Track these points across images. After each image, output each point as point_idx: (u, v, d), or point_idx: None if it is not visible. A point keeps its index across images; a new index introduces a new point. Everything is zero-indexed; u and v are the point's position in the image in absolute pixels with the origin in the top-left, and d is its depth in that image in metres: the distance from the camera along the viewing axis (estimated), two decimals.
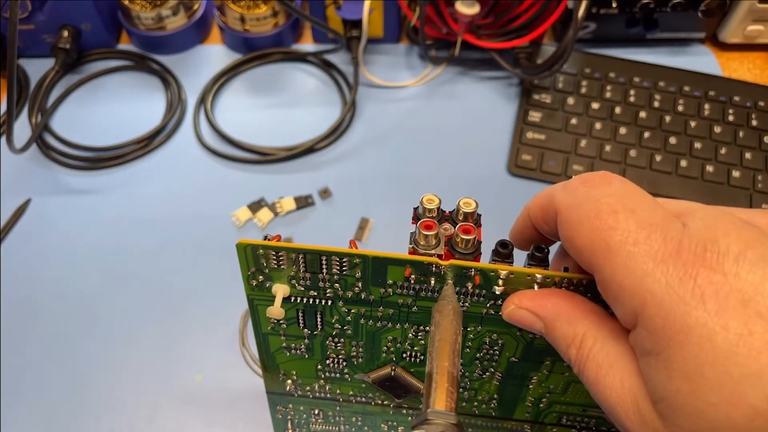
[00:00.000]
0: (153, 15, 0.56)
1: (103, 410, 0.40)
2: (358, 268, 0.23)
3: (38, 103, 0.54)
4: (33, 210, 0.49)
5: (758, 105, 0.53)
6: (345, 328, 0.26)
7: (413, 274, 0.22)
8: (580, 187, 0.19)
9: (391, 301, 0.24)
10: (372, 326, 0.25)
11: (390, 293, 0.24)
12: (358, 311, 0.25)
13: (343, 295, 0.24)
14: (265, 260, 0.23)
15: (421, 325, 0.25)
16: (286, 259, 0.23)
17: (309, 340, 0.27)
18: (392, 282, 0.23)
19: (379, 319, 0.25)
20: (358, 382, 0.29)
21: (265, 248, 0.23)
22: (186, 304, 0.44)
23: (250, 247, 0.23)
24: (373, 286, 0.23)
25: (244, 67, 0.57)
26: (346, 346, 0.27)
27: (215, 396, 0.41)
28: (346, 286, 0.24)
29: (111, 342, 0.43)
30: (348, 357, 0.28)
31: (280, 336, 0.27)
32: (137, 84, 0.57)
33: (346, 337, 0.26)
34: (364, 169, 0.51)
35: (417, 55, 0.59)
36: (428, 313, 0.24)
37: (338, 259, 0.22)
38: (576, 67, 0.56)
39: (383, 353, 0.27)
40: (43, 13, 0.54)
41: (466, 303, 0.23)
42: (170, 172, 0.51)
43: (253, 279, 0.24)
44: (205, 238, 0.47)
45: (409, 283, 0.23)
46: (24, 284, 0.45)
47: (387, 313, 0.25)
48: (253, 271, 0.24)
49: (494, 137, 0.53)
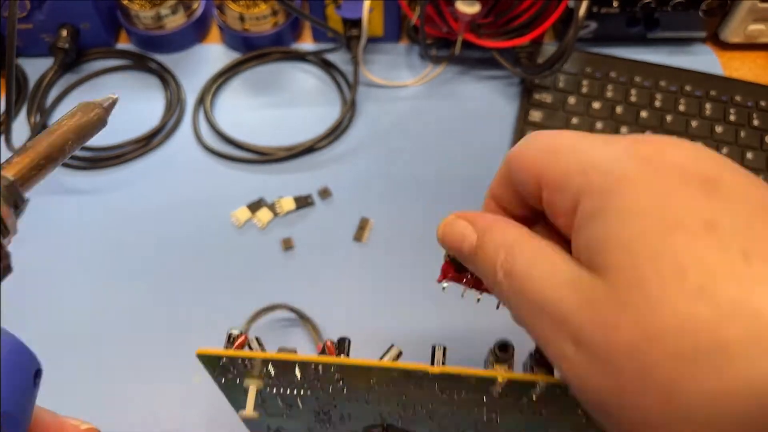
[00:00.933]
0: (152, 14, 0.56)
1: (101, 411, 0.40)
2: (337, 374, 0.21)
3: (37, 102, 0.54)
4: (32, 210, 0.48)
5: (759, 105, 0.53)
6: (332, 402, 0.24)
7: (401, 377, 0.20)
8: (533, 134, 0.21)
9: (378, 393, 0.22)
10: (360, 402, 0.24)
11: (376, 388, 0.22)
12: (343, 393, 0.23)
13: (324, 388, 0.22)
14: (231, 366, 0.21)
15: (414, 404, 0.23)
16: (254, 364, 0.21)
17: (293, 410, 0.25)
18: (377, 380, 0.21)
19: (367, 402, 0.23)
20: None
21: (229, 359, 0.21)
22: (185, 303, 0.44)
23: (213, 357, 0.21)
24: (358, 384, 0.22)
25: (244, 66, 0.57)
26: (334, 414, 0.25)
27: (214, 397, 0.40)
28: (327, 380, 0.22)
29: (110, 342, 0.42)
30: (334, 421, 0.26)
31: (262, 413, 0.26)
32: (136, 83, 0.57)
33: (333, 409, 0.25)
34: (364, 168, 0.51)
35: (417, 55, 0.59)
36: (419, 400, 0.22)
37: (313, 366, 0.20)
38: (577, 66, 0.56)
39: (371, 419, 0.25)
40: (42, 13, 0.54)
41: (461, 405, 0.22)
42: (169, 171, 0.51)
43: (221, 377, 0.22)
44: (205, 238, 0.47)
45: (397, 383, 0.21)
46: (23, 284, 0.45)
47: (375, 398, 0.23)
48: (219, 375, 0.22)
49: (495, 137, 0.53)
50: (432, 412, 0.23)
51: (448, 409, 0.23)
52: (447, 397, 0.22)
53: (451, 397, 0.22)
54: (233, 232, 0.47)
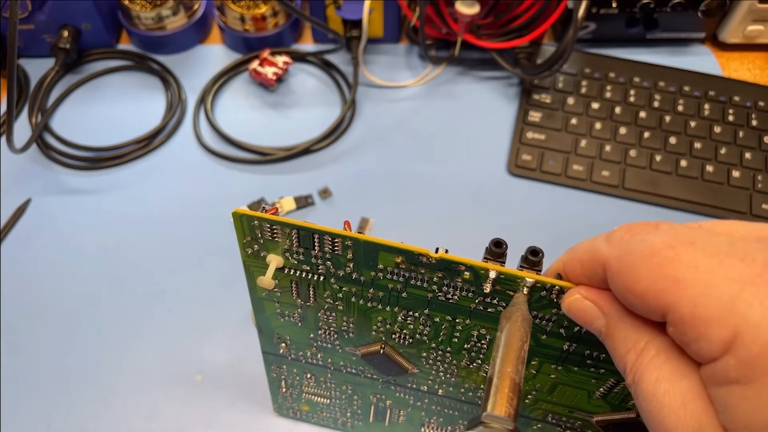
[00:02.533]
0: (153, 15, 0.56)
1: (103, 410, 0.40)
2: (350, 250, 0.23)
3: (38, 103, 0.54)
4: (33, 210, 0.49)
5: (758, 105, 0.53)
6: (336, 304, 0.26)
7: (404, 262, 0.23)
8: (626, 235, 0.18)
9: (381, 285, 0.24)
10: (363, 305, 0.26)
11: (380, 277, 0.24)
12: (350, 289, 0.25)
13: (335, 273, 0.24)
14: (260, 231, 0.24)
15: (410, 310, 0.25)
16: (281, 232, 0.23)
17: (302, 309, 0.27)
18: (383, 267, 0.23)
19: (370, 300, 0.25)
20: (348, 354, 0.30)
21: (260, 220, 0.23)
22: (186, 303, 0.44)
23: (246, 217, 0.23)
24: (364, 268, 0.24)
25: (244, 67, 0.57)
26: (338, 320, 0.27)
27: (215, 396, 0.41)
28: (338, 265, 0.24)
29: (111, 342, 0.43)
30: (339, 330, 0.28)
31: (274, 302, 0.28)
32: (137, 84, 0.57)
33: (338, 311, 0.27)
34: (364, 169, 0.51)
35: (417, 55, 0.59)
36: (418, 299, 0.24)
37: (330, 239, 0.23)
38: (576, 67, 0.56)
39: (373, 332, 0.27)
40: (43, 13, 0.54)
41: (455, 296, 0.24)
42: (170, 172, 0.51)
43: (248, 247, 0.25)
44: (205, 238, 0.47)
45: (400, 270, 0.23)
46: (24, 284, 0.45)
47: (377, 294, 0.25)
48: (248, 240, 0.24)
49: (494, 137, 0.53)
50: (426, 320, 0.25)
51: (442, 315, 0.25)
52: (442, 297, 0.24)
53: (446, 297, 0.24)
54: (234, 231, 0.47)
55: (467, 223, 0.48)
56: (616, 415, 0.27)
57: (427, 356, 0.28)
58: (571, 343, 0.24)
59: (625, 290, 0.17)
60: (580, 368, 0.25)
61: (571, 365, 0.25)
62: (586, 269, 0.19)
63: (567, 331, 0.23)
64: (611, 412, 0.27)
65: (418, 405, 0.32)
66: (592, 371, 0.25)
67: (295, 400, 0.36)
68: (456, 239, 0.47)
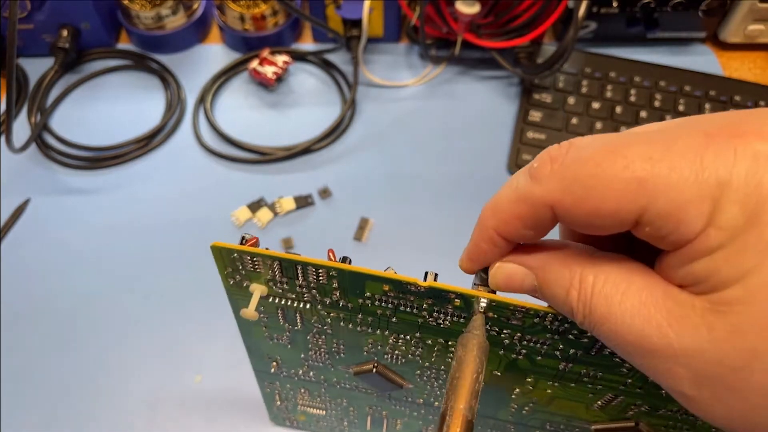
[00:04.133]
0: (152, 14, 0.56)
1: (103, 410, 0.40)
2: (335, 280, 0.22)
3: (37, 102, 0.54)
4: (32, 210, 0.49)
5: (759, 105, 0.53)
6: (325, 328, 0.26)
7: (392, 291, 0.22)
8: (553, 166, 0.17)
9: (370, 311, 0.24)
10: (352, 329, 0.25)
11: (368, 304, 0.23)
12: (338, 315, 0.25)
13: (322, 300, 0.24)
14: (240, 263, 0.23)
15: (401, 334, 0.25)
16: (262, 263, 0.23)
17: (290, 333, 0.27)
18: (370, 294, 0.23)
19: (359, 324, 0.25)
20: (341, 372, 0.29)
21: (240, 253, 0.22)
22: (186, 303, 0.44)
23: (225, 250, 0.22)
24: (351, 296, 0.23)
25: (244, 66, 0.57)
26: (328, 342, 0.27)
27: (215, 397, 0.40)
28: (324, 293, 0.23)
29: (111, 342, 0.42)
30: (330, 351, 0.28)
31: (262, 327, 0.27)
32: (136, 83, 0.57)
33: (327, 335, 0.26)
34: (364, 168, 0.51)
35: (417, 55, 0.59)
36: (408, 324, 0.24)
37: (314, 269, 0.22)
38: (576, 66, 0.56)
39: (364, 352, 0.27)
40: (43, 13, 0.54)
41: (446, 321, 0.23)
42: (169, 171, 0.51)
43: (230, 278, 0.24)
44: (205, 238, 0.47)
45: (388, 298, 0.23)
46: (24, 284, 0.45)
47: (366, 320, 0.24)
48: (229, 271, 0.24)
49: (494, 137, 0.53)
50: (418, 343, 0.25)
51: (434, 339, 0.24)
52: (433, 323, 0.23)
53: (437, 323, 0.23)
54: (233, 231, 0.47)
55: (467, 223, 0.47)
56: (615, 423, 0.27)
57: (421, 374, 0.27)
58: (567, 363, 0.24)
59: (590, 217, 0.16)
60: (577, 384, 0.25)
61: (568, 382, 0.25)
62: (528, 220, 0.18)
63: (562, 353, 0.23)
64: (609, 421, 0.27)
65: (415, 415, 0.32)
66: (589, 387, 0.25)
67: (291, 411, 0.36)
68: (456, 239, 0.47)
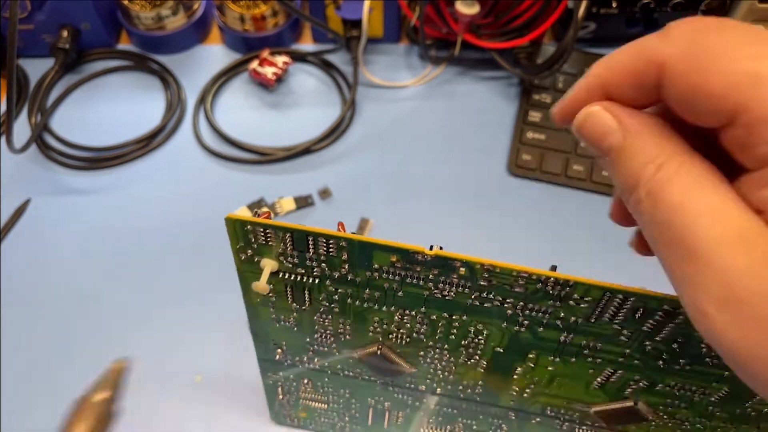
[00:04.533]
0: (152, 15, 0.56)
1: None
2: (344, 251, 0.23)
3: (38, 103, 0.54)
4: (33, 210, 0.49)
5: None
6: (332, 306, 0.26)
7: (399, 261, 0.23)
8: (690, 33, 0.16)
9: (376, 285, 0.24)
10: (358, 306, 0.26)
11: (376, 277, 0.24)
12: (345, 291, 0.25)
13: (330, 275, 0.24)
14: (253, 236, 0.24)
15: (407, 309, 0.25)
16: (274, 236, 0.23)
17: (297, 314, 0.27)
18: (378, 266, 0.23)
19: (366, 300, 0.25)
20: (345, 357, 0.30)
21: (253, 224, 0.23)
22: (186, 303, 0.44)
23: (239, 222, 0.23)
24: (359, 269, 0.24)
25: (244, 67, 0.57)
26: (334, 323, 0.27)
27: (215, 396, 0.41)
28: (333, 267, 0.24)
29: (111, 342, 0.42)
30: (336, 333, 0.28)
31: (269, 308, 0.28)
32: (137, 84, 0.57)
33: (334, 314, 0.27)
34: (364, 169, 0.51)
35: (417, 55, 0.59)
36: (414, 297, 0.25)
37: (325, 240, 0.23)
38: (576, 67, 0.56)
39: (370, 332, 0.27)
40: (43, 13, 0.54)
41: (451, 293, 0.24)
42: (170, 172, 0.51)
43: (242, 253, 0.25)
44: (205, 238, 0.47)
45: (395, 269, 0.23)
46: (24, 284, 0.45)
47: (373, 295, 0.25)
48: (241, 246, 0.24)
49: (494, 137, 0.53)
50: (423, 319, 0.26)
51: (439, 313, 0.25)
52: (438, 294, 0.24)
53: (442, 294, 0.24)
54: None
55: (467, 223, 0.48)
56: (614, 404, 0.27)
57: (424, 355, 0.28)
58: (568, 333, 0.24)
59: (692, 90, 0.15)
60: (577, 359, 0.25)
61: (568, 356, 0.25)
62: (637, 76, 0.17)
63: (563, 322, 0.24)
64: (609, 402, 0.27)
65: (417, 405, 0.32)
66: (589, 361, 0.25)
67: (293, 406, 0.36)
68: (456, 239, 0.47)
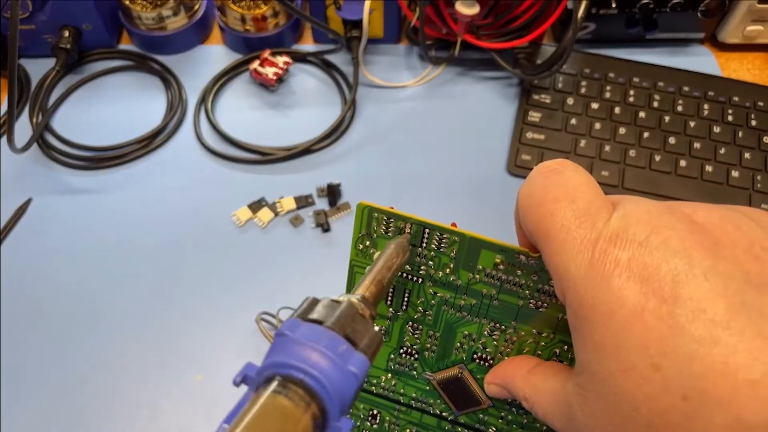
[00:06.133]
0: (154, 15, 0.56)
1: (103, 410, 0.40)
2: (455, 247, 0.24)
3: (39, 102, 0.54)
4: (34, 209, 0.49)
5: (757, 105, 0.54)
6: (427, 313, 0.27)
7: (503, 263, 0.24)
8: (537, 176, 0.20)
9: (475, 290, 0.25)
10: (452, 316, 0.27)
11: (477, 279, 0.25)
12: (443, 296, 0.26)
13: (434, 275, 0.25)
14: (376, 224, 0.25)
15: (497, 322, 0.26)
16: (394, 226, 0.25)
17: (391, 321, 0.28)
18: (481, 267, 0.24)
19: (460, 309, 0.26)
20: (422, 383, 0.29)
21: (380, 212, 0.25)
22: (186, 303, 0.44)
23: (368, 209, 0.25)
24: (462, 269, 0.25)
25: (245, 67, 0.57)
26: (423, 335, 0.28)
27: (216, 395, 0.41)
28: (439, 266, 0.25)
29: (111, 341, 0.43)
30: (421, 349, 0.28)
31: None
32: (138, 84, 0.57)
33: (425, 324, 0.27)
34: (364, 169, 0.51)
35: (417, 56, 0.59)
36: (508, 309, 0.25)
37: (439, 234, 0.24)
38: (575, 67, 0.56)
39: (455, 350, 0.27)
40: (44, 13, 0.54)
41: (546, 303, 0.25)
42: (171, 171, 0.51)
43: (360, 243, 0.26)
44: (206, 238, 0.47)
45: (497, 272, 0.24)
46: (24, 284, 0.45)
47: (469, 302, 0.26)
48: (363, 235, 0.26)
49: (494, 137, 0.53)
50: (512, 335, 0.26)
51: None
52: (533, 305, 0.25)
53: (536, 306, 0.25)
54: (234, 231, 0.48)
55: (467, 224, 0.47)
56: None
57: None
58: None
59: (521, 224, 0.21)
60: None
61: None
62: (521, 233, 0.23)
63: None
64: None
65: None
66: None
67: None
68: None
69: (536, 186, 0.20)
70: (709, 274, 0.16)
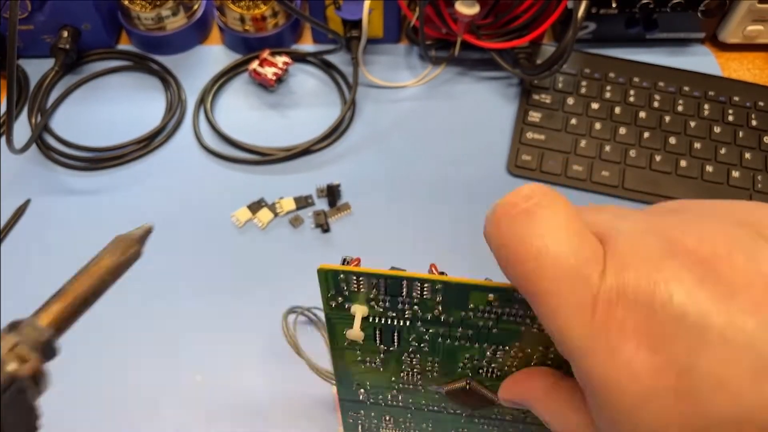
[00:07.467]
0: (153, 15, 0.56)
1: (103, 410, 0.40)
2: (440, 294, 0.23)
3: (38, 103, 0.54)
4: (33, 210, 0.49)
5: (758, 105, 0.54)
6: (422, 346, 0.26)
7: (496, 300, 0.22)
8: (504, 220, 0.18)
9: (470, 323, 0.24)
10: (450, 345, 0.25)
11: (471, 316, 0.23)
12: (437, 331, 0.24)
13: (422, 317, 0.24)
14: (345, 284, 0.23)
15: (501, 345, 0.24)
16: (366, 282, 0.23)
17: (384, 355, 0.27)
18: (474, 306, 0.23)
19: (458, 339, 0.25)
20: (431, 393, 0.29)
21: (347, 273, 0.23)
22: (186, 304, 0.44)
23: (332, 272, 0.23)
24: (453, 309, 0.23)
25: (244, 67, 0.57)
26: (422, 361, 0.27)
27: (215, 396, 0.41)
28: (426, 309, 0.23)
29: (111, 342, 0.43)
30: (423, 371, 0.27)
31: (355, 351, 0.27)
32: (137, 84, 0.57)
33: (423, 353, 0.26)
34: (364, 169, 0.51)
35: (417, 56, 0.59)
36: (509, 333, 0.24)
37: (419, 284, 0.22)
38: (576, 67, 0.56)
39: (459, 369, 0.27)
40: (43, 14, 0.54)
41: None
42: (170, 172, 0.51)
43: (332, 300, 0.24)
44: (206, 239, 0.47)
45: (492, 307, 0.23)
46: (24, 284, 0.45)
47: (466, 333, 0.24)
48: (332, 294, 0.24)
49: (494, 137, 0.53)
50: (517, 353, 0.25)
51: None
52: (536, 329, 0.24)
53: (539, 329, 0.23)
54: (234, 232, 0.47)
55: (467, 224, 0.48)
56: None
57: None
58: None
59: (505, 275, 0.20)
60: None
61: None
62: None
63: None
64: None
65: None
66: None
67: None
68: (456, 240, 0.47)
69: (507, 235, 0.18)
70: (727, 334, 0.14)
